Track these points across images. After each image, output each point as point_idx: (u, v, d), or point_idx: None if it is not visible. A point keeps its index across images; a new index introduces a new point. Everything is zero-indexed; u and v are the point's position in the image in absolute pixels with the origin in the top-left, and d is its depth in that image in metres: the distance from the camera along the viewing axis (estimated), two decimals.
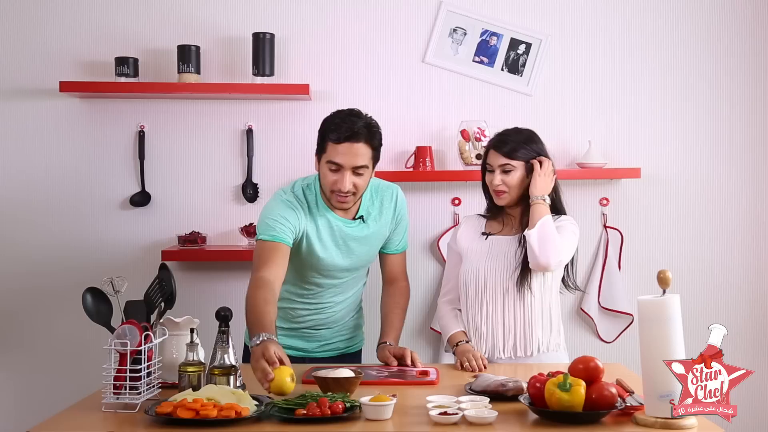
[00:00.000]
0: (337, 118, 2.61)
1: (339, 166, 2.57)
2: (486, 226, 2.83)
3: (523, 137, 2.77)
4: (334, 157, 2.57)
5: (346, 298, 2.83)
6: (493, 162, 2.75)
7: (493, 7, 3.56)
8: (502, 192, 2.74)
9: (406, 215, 2.86)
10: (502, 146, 2.74)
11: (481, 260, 2.75)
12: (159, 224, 3.52)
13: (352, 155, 2.57)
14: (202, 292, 3.47)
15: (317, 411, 1.99)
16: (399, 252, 2.89)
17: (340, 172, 2.58)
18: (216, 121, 3.54)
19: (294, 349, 2.81)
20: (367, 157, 2.61)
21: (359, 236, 2.73)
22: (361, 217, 2.74)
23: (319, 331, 2.83)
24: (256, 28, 3.44)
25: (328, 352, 2.86)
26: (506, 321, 2.72)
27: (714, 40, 3.60)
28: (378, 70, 3.56)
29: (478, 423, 1.98)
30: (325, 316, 2.82)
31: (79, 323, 2.82)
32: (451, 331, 2.78)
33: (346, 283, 2.81)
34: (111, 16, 3.51)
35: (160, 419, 1.98)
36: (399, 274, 2.90)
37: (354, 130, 2.56)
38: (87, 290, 2.34)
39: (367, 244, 2.77)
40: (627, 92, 3.60)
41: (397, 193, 2.83)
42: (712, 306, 3.56)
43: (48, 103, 3.50)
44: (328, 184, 2.62)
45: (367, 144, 2.59)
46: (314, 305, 2.79)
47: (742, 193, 3.62)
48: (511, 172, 2.73)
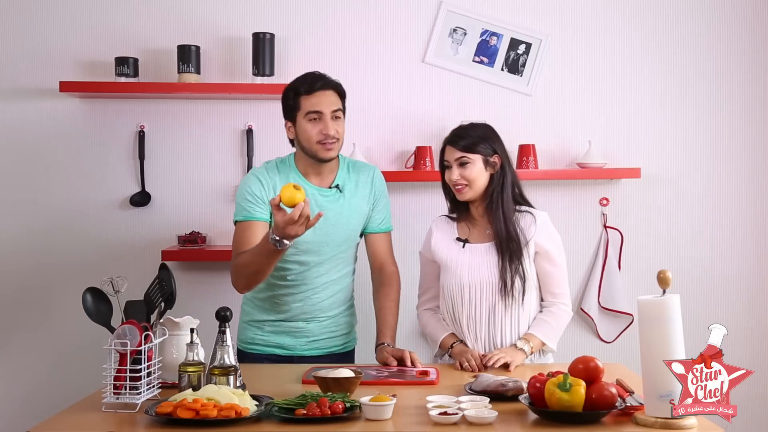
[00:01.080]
0: (302, 77, 2.75)
1: (319, 113, 2.69)
2: (458, 230, 2.80)
3: (479, 132, 2.73)
4: (313, 107, 2.69)
5: (331, 280, 2.79)
6: (450, 157, 2.71)
7: (493, 7, 3.56)
8: (462, 186, 2.70)
9: (385, 193, 2.89)
10: (458, 140, 2.71)
11: (464, 272, 2.71)
12: (159, 224, 3.53)
13: (327, 101, 2.70)
14: (202, 292, 3.47)
15: (317, 411, 1.99)
16: (383, 231, 2.87)
17: (322, 119, 2.69)
18: (216, 121, 3.54)
19: (281, 347, 2.80)
20: (339, 102, 2.74)
21: (335, 207, 2.74)
22: (337, 186, 2.76)
23: (307, 325, 2.80)
24: (256, 28, 3.44)
25: (316, 350, 2.82)
26: (494, 333, 2.70)
27: (714, 40, 3.60)
28: (378, 70, 3.56)
29: (478, 423, 1.98)
30: (310, 304, 2.78)
31: (79, 323, 2.83)
32: (441, 336, 2.75)
33: (329, 261, 2.78)
34: (111, 16, 3.51)
35: (160, 419, 1.98)
36: (386, 257, 2.88)
37: (323, 81, 2.73)
38: (87, 290, 2.34)
39: (344, 217, 2.76)
40: (627, 92, 3.60)
41: (374, 171, 2.89)
42: (712, 306, 3.56)
43: (48, 103, 3.50)
44: (312, 137, 2.69)
45: (335, 91, 2.74)
46: (298, 287, 2.77)
47: (742, 193, 3.62)
48: (468, 165, 2.68)
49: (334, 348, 2.86)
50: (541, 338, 2.68)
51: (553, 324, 2.72)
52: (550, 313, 2.73)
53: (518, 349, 2.65)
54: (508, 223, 2.69)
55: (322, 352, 2.83)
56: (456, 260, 2.74)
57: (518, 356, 2.62)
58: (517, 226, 2.70)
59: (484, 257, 2.71)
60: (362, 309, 3.01)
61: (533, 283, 2.72)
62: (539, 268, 2.74)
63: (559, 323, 2.73)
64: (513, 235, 2.68)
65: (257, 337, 2.82)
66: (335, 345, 2.86)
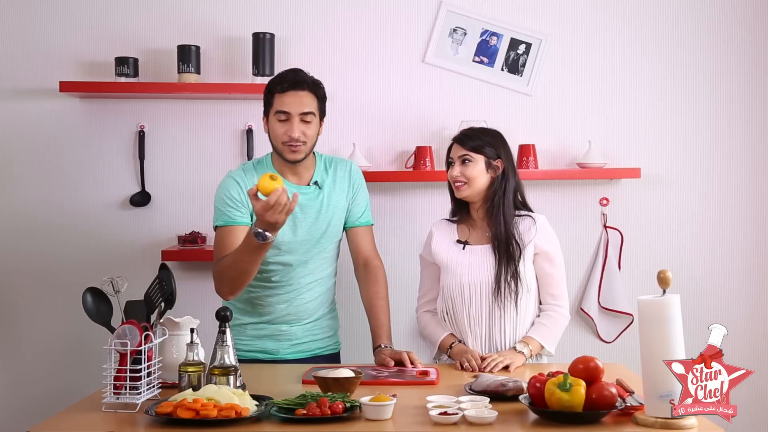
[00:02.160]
0: (280, 74, 2.73)
1: (287, 114, 2.66)
2: (458, 232, 2.81)
3: (488, 136, 2.77)
4: (281, 106, 2.67)
5: (315, 280, 2.78)
6: (454, 154, 2.75)
7: (493, 7, 3.56)
8: (461, 183, 2.72)
9: (364, 187, 2.87)
10: (465, 140, 2.75)
11: (464, 273, 2.72)
12: (159, 224, 3.53)
13: (297, 103, 2.66)
14: (202, 292, 3.46)
15: (317, 411, 1.99)
16: (364, 225, 2.86)
17: (289, 120, 2.66)
18: (216, 121, 3.54)
19: (264, 351, 2.78)
20: (312, 105, 2.70)
21: (314, 204, 2.73)
22: (316, 182, 2.75)
23: (291, 328, 2.78)
24: (256, 28, 3.44)
25: (300, 354, 2.79)
26: (493, 333, 2.71)
27: (714, 40, 3.60)
28: (378, 70, 3.56)
29: (478, 423, 1.98)
30: (295, 305, 2.76)
31: (79, 323, 2.82)
32: (441, 336, 2.76)
33: (313, 260, 2.76)
34: (111, 16, 3.51)
35: (160, 419, 1.98)
36: (369, 252, 2.86)
37: (297, 80, 2.68)
38: (87, 290, 2.34)
39: (324, 213, 2.75)
40: (627, 92, 3.60)
41: (351, 165, 2.88)
42: (712, 306, 3.56)
43: (48, 103, 3.50)
44: (278, 136, 2.68)
45: (311, 93, 2.70)
46: (282, 288, 2.75)
47: (742, 193, 3.62)
48: (470, 164, 2.71)
49: (318, 351, 2.84)
50: (540, 341, 2.69)
51: (551, 328, 2.72)
52: (548, 317, 2.73)
53: (518, 352, 2.65)
54: (507, 227, 2.71)
55: (306, 354, 2.81)
56: (456, 261, 2.74)
57: (518, 359, 2.63)
58: (516, 230, 2.71)
59: (484, 258, 2.72)
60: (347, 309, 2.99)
61: (531, 286, 2.72)
62: (539, 269, 2.75)
63: (557, 327, 2.74)
64: (511, 239, 2.69)
65: (239, 342, 2.72)
66: (319, 348, 2.84)
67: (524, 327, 2.72)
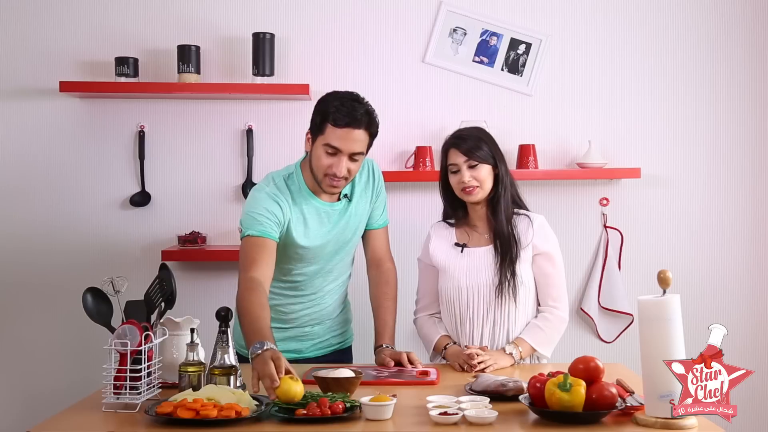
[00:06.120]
0: (337, 101, 2.55)
1: (337, 150, 2.53)
2: (456, 235, 2.80)
3: (481, 134, 2.74)
4: (333, 141, 2.52)
5: (336, 286, 2.78)
6: (457, 160, 2.69)
7: (493, 7, 3.56)
8: (473, 188, 2.68)
9: (383, 185, 2.82)
10: (462, 143, 2.70)
11: (462, 276, 2.71)
12: (159, 224, 3.53)
13: (351, 141, 2.52)
14: (202, 292, 3.47)
15: (317, 411, 1.99)
16: (381, 227, 2.83)
17: (337, 156, 2.53)
18: (216, 121, 3.54)
19: (288, 352, 2.76)
20: (364, 143, 2.57)
21: (343, 216, 2.70)
22: (346, 195, 2.70)
23: (313, 329, 2.78)
24: (256, 28, 3.45)
25: (321, 350, 2.81)
26: (493, 335, 2.70)
27: (714, 40, 3.61)
28: (378, 70, 3.56)
29: (478, 423, 1.98)
30: (318, 308, 2.76)
31: (79, 323, 2.82)
32: (435, 338, 2.76)
33: (337, 267, 2.76)
34: (111, 16, 3.52)
35: (160, 419, 1.98)
36: (383, 254, 2.84)
37: (356, 117, 2.52)
38: (87, 290, 2.33)
39: (351, 223, 2.72)
40: (627, 92, 3.60)
41: (371, 165, 2.79)
42: (712, 306, 3.56)
43: (48, 103, 3.50)
44: (322, 167, 2.55)
45: (366, 131, 2.56)
46: (306, 296, 2.74)
47: (741, 193, 3.62)
48: (478, 166, 2.68)
49: (337, 345, 2.86)
50: (532, 344, 2.68)
51: (547, 331, 2.70)
52: (544, 319, 2.72)
53: (506, 353, 2.65)
54: (508, 224, 2.70)
55: (327, 351, 2.83)
56: (454, 264, 2.74)
57: (503, 360, 2.62)
58: (515, 230, 2.71)
59: (482, 260, 2.72)
60: (359, 305, 2.98)
61: (530, 285, 2.72)
62: (538, 270, 2.74)
63: (552, 330, 2.71)
64: (512, 237, 2.69)
65: None
66: (338, 342, 2.87)
67: (520, 329, 2.72)
